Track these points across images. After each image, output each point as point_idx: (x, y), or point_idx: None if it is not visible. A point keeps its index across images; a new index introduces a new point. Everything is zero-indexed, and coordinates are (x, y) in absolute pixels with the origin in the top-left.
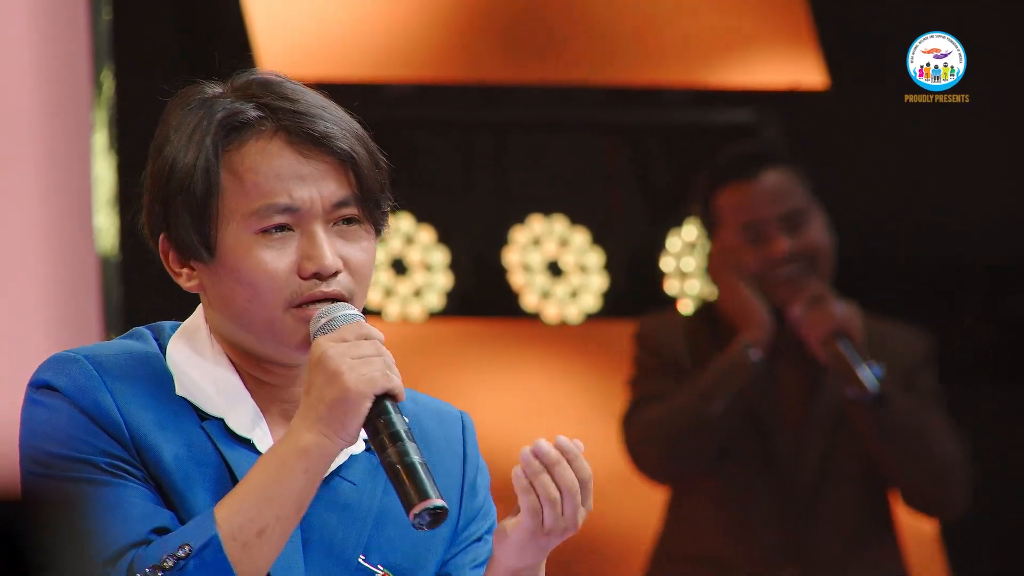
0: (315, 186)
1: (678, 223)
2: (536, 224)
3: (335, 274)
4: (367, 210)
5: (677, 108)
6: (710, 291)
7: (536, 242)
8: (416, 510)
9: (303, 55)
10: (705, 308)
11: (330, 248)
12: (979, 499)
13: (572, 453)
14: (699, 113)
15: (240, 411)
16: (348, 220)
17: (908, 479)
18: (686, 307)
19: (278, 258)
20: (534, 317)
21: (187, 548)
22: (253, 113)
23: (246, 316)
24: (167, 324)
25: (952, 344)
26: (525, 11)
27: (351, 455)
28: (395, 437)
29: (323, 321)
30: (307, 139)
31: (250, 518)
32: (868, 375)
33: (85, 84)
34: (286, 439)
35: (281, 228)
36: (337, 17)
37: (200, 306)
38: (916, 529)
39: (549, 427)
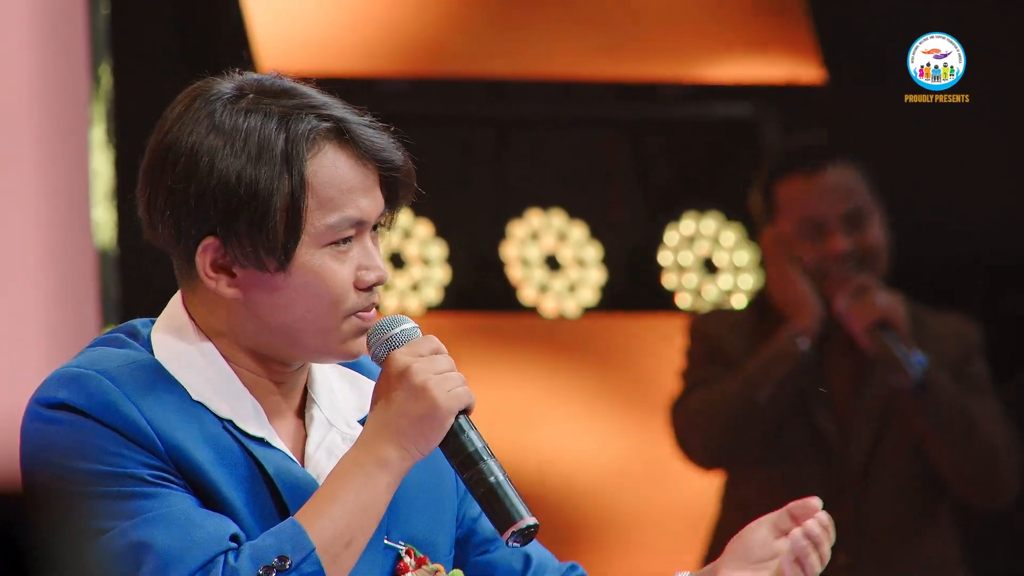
0: (373, 198)
1: (676, 218)
2: (534, 218)
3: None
4: (392, 216)
5: (674, 103)
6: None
7: (534, 236)
8: (513, 529)
9: (299, 48)
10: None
11: (380, 259)
12: None
13: (828, 533)
14: (696, 108)
15: (244, 409)
16: (375, 226)
17: (956, 467)
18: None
19: (344, 269)
20: (532, 311)
21: (287, 561)
22: (323, 126)
23: (300, 324)
24: (137, 323)
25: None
26: (523, 5)
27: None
28: (479, 455)
29: (390, 333)
30: (368, 151)
31: (340, 531)
32: (912, 363)
33: (83, 78)
34: (364, 451)
35: (347, 240)
36: (333, 10)
37: (175, 302)
38: (965, 517)
39: (547, 420)
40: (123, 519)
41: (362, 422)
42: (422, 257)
